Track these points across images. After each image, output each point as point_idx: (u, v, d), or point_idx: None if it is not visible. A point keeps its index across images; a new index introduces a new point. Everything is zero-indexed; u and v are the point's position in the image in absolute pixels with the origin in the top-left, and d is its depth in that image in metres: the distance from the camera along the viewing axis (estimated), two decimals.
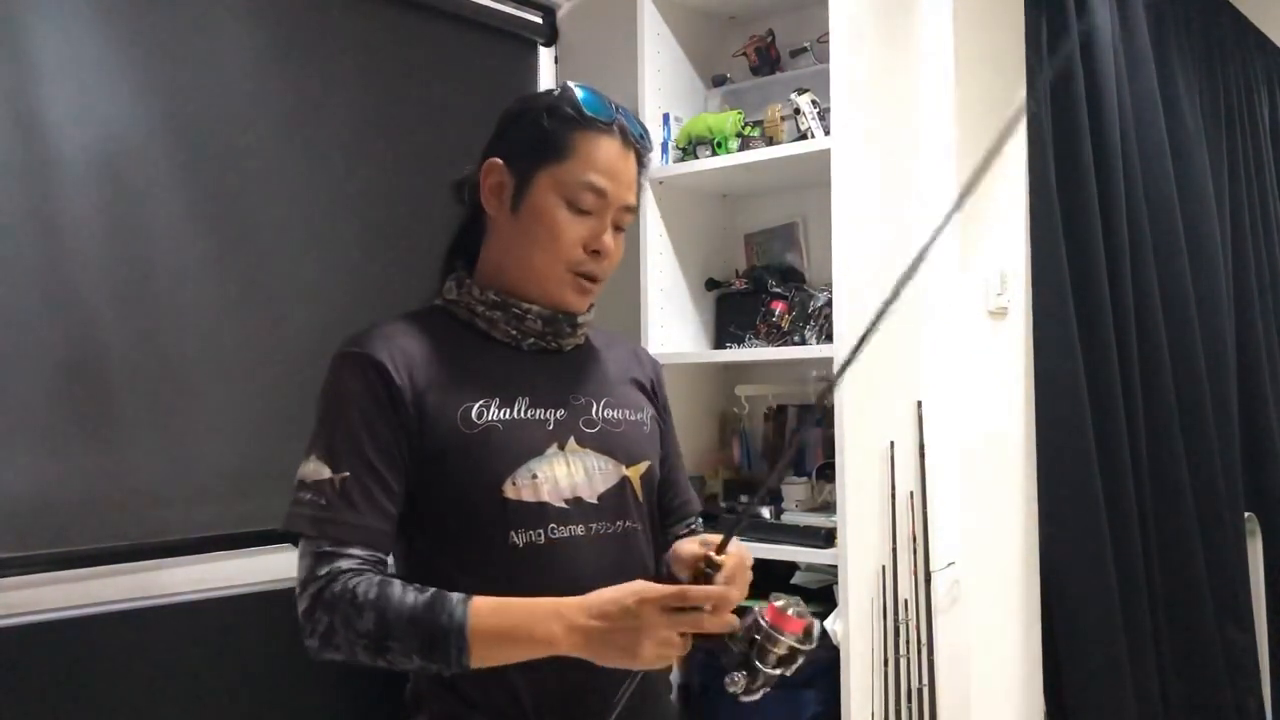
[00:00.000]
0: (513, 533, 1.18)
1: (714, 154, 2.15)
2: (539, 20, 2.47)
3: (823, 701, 1.96)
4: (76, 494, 1.65)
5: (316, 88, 2.01)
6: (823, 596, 2.02)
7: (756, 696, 1.09)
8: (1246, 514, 3.10)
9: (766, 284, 2.21)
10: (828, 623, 1.91)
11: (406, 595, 1.10)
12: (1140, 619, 2.49)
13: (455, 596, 1.10)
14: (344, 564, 1.12)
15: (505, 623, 1.09)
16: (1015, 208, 2.43)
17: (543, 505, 1.19)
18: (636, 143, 1.27)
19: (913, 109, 2.15)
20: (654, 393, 1.42)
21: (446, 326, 1.28)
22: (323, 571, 1.11)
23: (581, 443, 1.25)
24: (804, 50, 2.21)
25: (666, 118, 2.23)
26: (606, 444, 1.27)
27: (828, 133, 2.00)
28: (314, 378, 1.30)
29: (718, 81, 2.32)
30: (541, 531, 1.19)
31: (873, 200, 2.02)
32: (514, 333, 1.27)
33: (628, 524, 1.26)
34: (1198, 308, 2.82)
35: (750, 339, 2.20)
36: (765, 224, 2.37)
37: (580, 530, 1.21)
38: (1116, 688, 2.40)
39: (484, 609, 1.09)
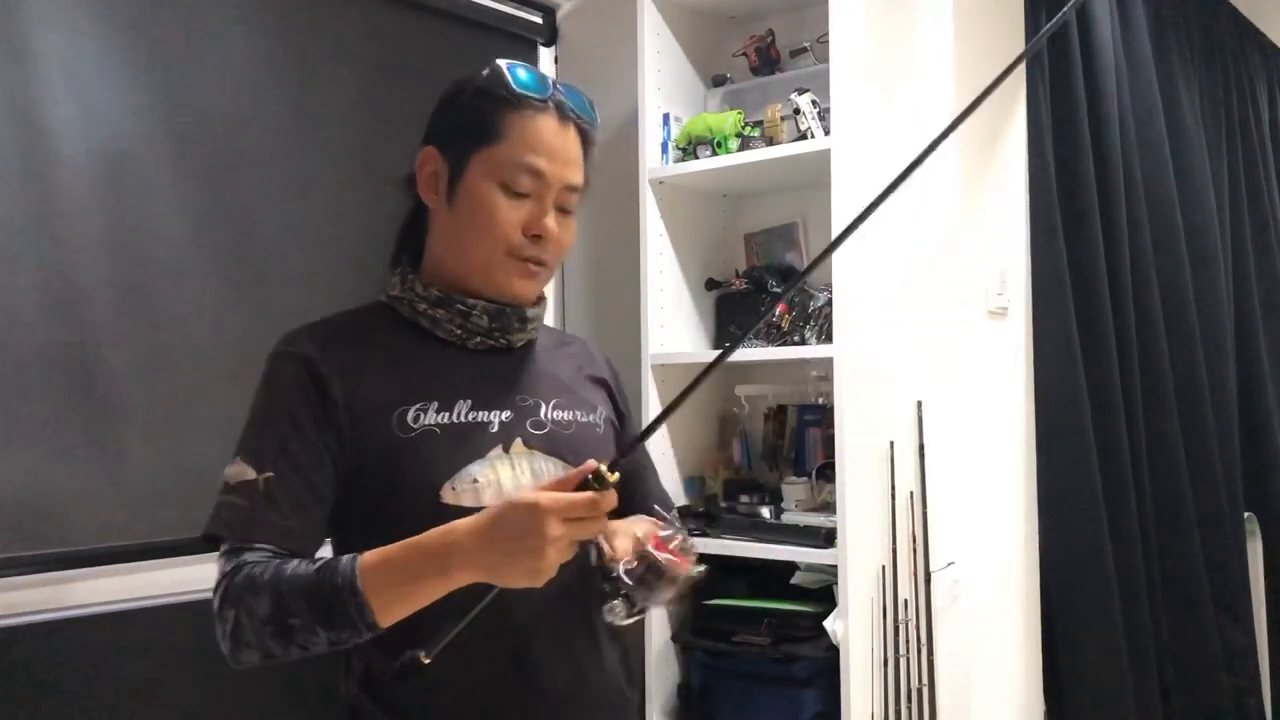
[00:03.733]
0: None
1: (714, 154, 2.15)
2: (539, 20, 2.47)
3: (823, 701, 1.96)
4: (77, 494, 1.65)
5: (317, 87, 2.02)
6: (823, 596, 2.03)
7: (630, 621, 1.08)
8: (1246, 514, 3.09)
9: (766, 284, 2.21)
10: (828, 623, 1.91)
11: (299, 568, 1.03)
12: (1140, 619, 2.49)
13: (345, 557, 1.02)
14: (250, 556, 1.06)
15: (394, 568, 1.01)
16: (1015, 207, 2.43)
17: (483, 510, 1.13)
18: (576, 117, 1.20)
19: (912, 109, 2.15)
20: (614, 391, 1.36)
21: (387, 324, 1.22)
22: (229, 568, 1.06)
23: (529, 444, 1.19)
24: (804, 50, 2.21)
25: (666, 118, 2.23)
26: (555, 445, 1.21)
27: (828, 133, 2.00)
28: None
29: (718, 81, 2.32)
30: None
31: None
32: (459, 331, 1.21)
33: None
34: (1198, 307, 2.82)
35: (750, 339, 2.19)
36: (765, 224, 2.37)
37: None
38: (1116, 688, 2.40)
39: (371, 559, 1.01)
